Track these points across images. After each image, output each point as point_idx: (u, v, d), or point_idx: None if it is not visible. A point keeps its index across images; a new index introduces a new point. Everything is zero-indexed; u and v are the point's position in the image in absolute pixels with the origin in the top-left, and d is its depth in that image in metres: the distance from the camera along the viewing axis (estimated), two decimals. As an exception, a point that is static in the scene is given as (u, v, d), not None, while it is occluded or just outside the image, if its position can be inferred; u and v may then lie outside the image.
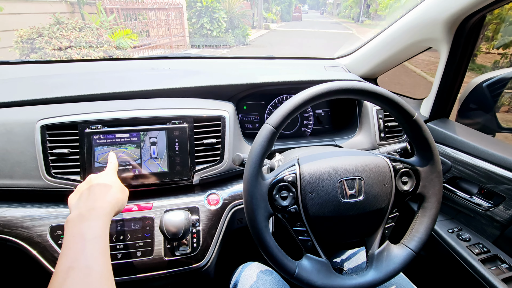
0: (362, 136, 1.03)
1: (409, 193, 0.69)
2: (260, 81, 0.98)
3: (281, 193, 0.64)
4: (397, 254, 0.68)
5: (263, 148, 0.61)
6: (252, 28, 15.39)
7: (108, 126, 0.81)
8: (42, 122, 0.78)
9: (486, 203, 0.86)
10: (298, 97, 0.62)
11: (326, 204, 0.64)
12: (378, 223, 0.68)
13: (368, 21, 24.84)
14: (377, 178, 0.66)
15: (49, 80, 0.98)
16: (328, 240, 0.68)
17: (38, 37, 4.20)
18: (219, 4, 10.42)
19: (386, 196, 0.67)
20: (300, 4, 38.48)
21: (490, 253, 0.85)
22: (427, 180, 0.69)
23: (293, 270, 0.61)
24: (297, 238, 0.66)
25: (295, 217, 0.65)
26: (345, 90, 0.63)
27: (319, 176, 0.64)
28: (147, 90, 0.91)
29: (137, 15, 7.32)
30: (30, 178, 0.77)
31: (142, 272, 0.75)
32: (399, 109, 0.66)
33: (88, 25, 4.71)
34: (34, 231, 0.75)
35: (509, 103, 1.15)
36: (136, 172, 0.82)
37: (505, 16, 3.89)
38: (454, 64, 0.93)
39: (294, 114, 0.62)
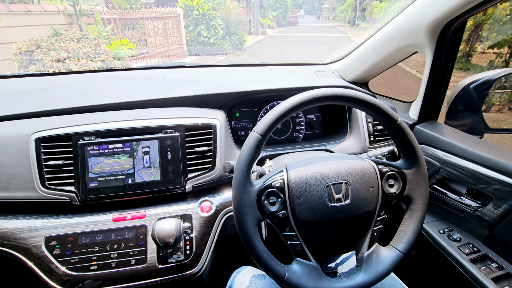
0: (352, 140, 1.05)
1: (396, 196, 0.70)
2: (250, 89, 1.00)
3: (269, 199, 0.65)
4: (386, 256, 0.69)
5: (250, 156, 0.62)
6: (249, 34, 15.54)
7: (101, 137, 0.83)
8: (37, 134, 0.80)
9: (475, 203, 0.88)
10: (283, 105, 0.64)
11: (314, 209, 0.65)
12: (367, 226, 0.70)
13: (364, 24, 25.08)
14: (363, 181, 0.68)
15: (44, 93, 1.00)
16: (317, 244, 0.69)
17: (37, 49, 4.26)
18: (215, 12, 10.53)
19: (373, 199, 0.68)
20: (296, 9, 38.90)
21: (480, 253, 0.86)
22: (413, 182, 0.70)
23: (283, 274, 0.63)
24: (286, 243, 0.67)
25: (284, 222, 0.66)
26: (329, 97, 0.65)
27: (306, 181, 0.66)
28: (140, 100, 0.93)
29: (135, 25, 7.41)
30: (25, 190, 0.79)
31: (136, 280, 0.77)
32: (383, 114, 0.67)
33: (86, 36, 4.77)
34: (29, 242, 0.77)
35: (495, 104, 1.17)
36: (129, 181, 0.83)
37: (498, 16, 3.94)
38: (439, 68, 0.95)
39: (280, 121, 0.64)
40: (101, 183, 0.82)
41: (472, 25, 4.15)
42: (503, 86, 1.10)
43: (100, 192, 0.81)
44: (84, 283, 0.74)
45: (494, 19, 4.00)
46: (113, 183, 0.82)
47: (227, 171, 0.76)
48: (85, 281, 0.74)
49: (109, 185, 0.82)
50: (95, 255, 0.77)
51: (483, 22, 4.20)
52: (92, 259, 0.76)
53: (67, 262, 0.75)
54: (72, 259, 0.76)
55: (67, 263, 0.75)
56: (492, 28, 4.17)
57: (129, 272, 0.77)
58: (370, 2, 25.67)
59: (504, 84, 1.10)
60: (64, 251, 0.76)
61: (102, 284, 0.75)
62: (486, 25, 4.36)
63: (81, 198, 0.80)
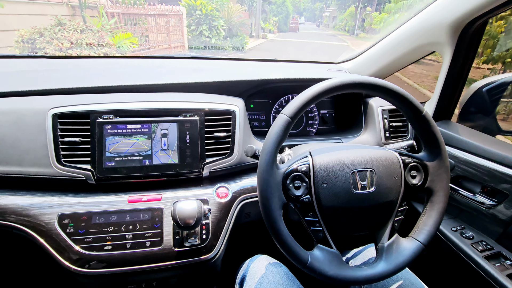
0: (367, 135, 1.05)
1: (418, 187, 0.70)
2: (270, 78, 1.00)
3: (294, 183, 0.65)
4: (406, 246, 0.68)
5: (279, 137, 0.62)
6: (250, 37, 15.63)
7: (120, 117, 0.82)
8: (54, 110, 0.79)
9: (489, 201, 0.88)
10: (313, 89, 0.64)
11: (338, 195, 0.65)
12: (388, 216, 0.69)
13: (363, 34, 25.47)
14: (387, 171, 0.68)
15: (60, 73, 0.99)
16: (338, 232, 0.69)
17: (39, 37, 4.20)
18: (218, 13, 10.57)
19: (396, 189, 0.68)
20: (297, 16, 39.31)
21: (493, 250, 0.87)
22: (435, 174, 0.70)
23: (306, 259, 0.62)
24: (308, 229, 0.66)
25: (307, 207, 0.65)
26: (357, 84, 0.65)
27: (331, 167, 0.66)
28: (159, 84, 0.92)
29: (137, 20, 7.39)
30: (39, 166, 0.77)
31: (151, 262, 0.75)
32: (409, 104, 0.68)
33: (90, 27, 4.74)
34: (41, 219, 0.74)
35: (508, 107, 1.19)
36: (146, 163, 0.82)
37: (494, 32, 4.05)
38: (457, 68, 0.97)
39: (308, 105, 0.64)
40: (117, 163, 0.80)
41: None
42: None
43: (117, 172, 0.80)
44: (98, 263, 0.72)
45: (489, 35, 4.09)
46: (130, 164, 0.81)
47: (249, 155, 0.75)
48: (99, 261, 0.72)
49: (125, 165, 0.80)
50: (109, 235, 0.75)
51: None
52: (106, 239, 0.74)
53: (81, 241, 0.73)
54: (86, 238, 0.74)
55: (81, 242, 0.73)
56: (487, 44, 4.27)
57: (144, 254, 0.75)
58: (369, 13, 26.11)
59: (517, 88, 1.12)
60: (78, 230, 0.74)
61: (117, 265, 0.73)
62: (482, 41, 4.51)
63: (97, 177, 0.78)
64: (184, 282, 0.89)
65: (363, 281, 0.64)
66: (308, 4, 55.90)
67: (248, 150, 0.75)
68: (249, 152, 0.75)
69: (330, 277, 0.62)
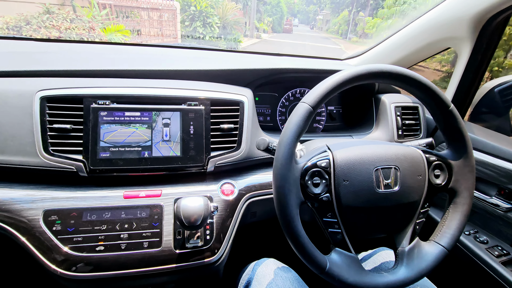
0: (379, 133, 1.00)
1: (441, 187, 0.65)
2: (282, 67, 0.93)
3: (313, 180, 0.59)
4: (428, 251, 0.63)
5: (299, 128, 0.55)
6: (244, 36, 15.55)
7: (117, 103, 0.74)
8: (42, 93, 0.70)
9: (506, 204, 0.85)
10: (336, 77, 0.58)
11: (360, 194, 0.59)
12: (410, 218, 0.64)
13: (356, 38, 25.82)
14: (411, 169, 0.63)
15: (50, 55, 0.89)
16: (357, 234, 0.63)
17: (26, 25, 4.00)
18: (213, 10, 10.48)
19: (419, 189, 0.63)
20: (291, 17, 39.48)
21: (510, 256, 0.83)
22: (459, 174, 0.66)
23: (324, 264, 0.56)
24: (326, 230, 0.60)
25: (326, 207, 0.59)
26: (385, 74, 0.60)
27: (354, 163, 0.60)
28: (162, 69, 0.85)
29: (130, 13, 7.20)
30: (24, 155, 0.68)
31: (148, 266, 0.67)
32: (436, 98, 0.63)
33: (80, 17, 4.55)
34: (24, 215, 0.65)
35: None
36: (145, 155, 0.74)
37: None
38: (475, 65, 0.93)
39: (331, 94, 0.58)
40: (113, 153, 0.72)
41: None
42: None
43: (112, 164, 0.71)
44: (88, 265, 0.64)
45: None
46: (127, 155, 0.73)
47: (261, 148, 0.69)
48: (89, 264, 0.64)
49: (122, 157, 0.72)
50: (102, 235, 0.67)
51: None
52: (98, 238, 0.66)
53: (69, 240, 0.65)
54: (75, 237, 0.65)
55: (69, 242, 0.65)
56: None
57: (141, 256, 0.67)
58: (362, 18, 26.50)
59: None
60: (66, 228, 0.66)
61: (110, 268, 0.65)
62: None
63: (90, 168, 0.70)
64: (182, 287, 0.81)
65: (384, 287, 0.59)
66: (302, 6, 56.24)
67: (261, 143, 0.69)
68: (261, 145, 0.68)
69: (349, 284, 0.57)
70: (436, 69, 6.75)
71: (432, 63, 6.61)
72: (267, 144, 0.68)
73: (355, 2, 29.21)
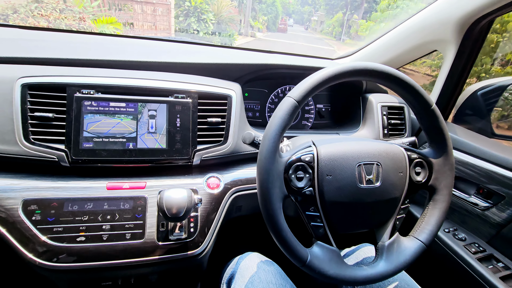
0: (366, 131, 1.02)
1: (422, 184, 0.67)
2: (271, 62, 0.94)
3: (297, 174, 0.59)
4: (407, 246, 0.65)
5: (284, 122, 0.56)
6: (238, 34, 15.49)
7: (102, 93, 0.73)
8: (24, 80, 0.68)
9: (484, 203, 0.87)
10: (322, 73, 0.58)
11: (342, 189, 0.60)
12: (391, 213, 0.66)
13: (349, 40, 26.06)
14: (393, 165, 0.64)
15: (36, 42, 0.87)
16: (339, 228, 0.64)
17: (13, 14, 3.88)
18: (208, 6, 10.41)
19: (400, 185, 0.65)
20: (286, 17, 39.55)
21: (486, 252, 0.86)
22: (439, 172, 0.68)
23: (305, 257, 0.57)
24: (308, 224, 0.61)
25: (309, 201, 0.60)
26: (369, 72, 0.61)
27: (337, 158, 0.61)
28: (150, 61, 0.84)
29: (123, 6, 7.08)
30: (3, 143, 0.66)
31: (131, 257, 0.67)
32: (419, 97, 0.64)
33: (70, 8, 4.44)
34: (2, 204, 0.64)
35: (501, 112, 1.20)
36: (130, 146, 0.73)
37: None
38: (459, 68, 0.95)
39: (317, 89, 0.58)
40: (97, 144, 0.71)
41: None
42: (510, 96, 1.13)
43: (95, 155, 0.70)
44: (69, 256, 0.63)
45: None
46: (111, 146, 0.72)
47: (247, 142, 0.69)
48: (69, 254, 0.63)
49: (106, 148, 0.71)
50: (83, 225, 0.66)
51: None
52: (79, 229, 0.65)
53: (49, 230, 0.64)
54: (55, 228, 0.64)
55: (49, 232, 0.64)
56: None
57: (123, 247, 0.66)
58: (356, 21, 26.77)
59: (510, 94, 1.13)
60: (46, 218, 0.65)
61: (91, 259, 0.64)
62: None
63: (72, 158, 0.69)
64: (165, 279, 0.81)
65: (363, 281, 0.60)
66: (297, 6, 56.42)
67: (246, 137, 0.69)
68: (247, 139, 0.69)
69: (329, 277, 0.58)
70: (426, 74, 6.90)
71: (422, 67, 6.75)
72: (252, 138, 0.68)
73: (350, 5, 29.49)
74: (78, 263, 0.64)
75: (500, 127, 1.21)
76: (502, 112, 1.19)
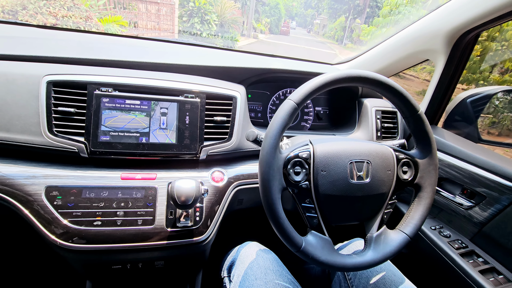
0: (360, 133, 1.09)
1: (408, 182, 0.74)
2: (273, 67, 1.01)
3: (294, 168, 0.66)
4: (393, 238, 0.72)
5: (284, 122, 0.63)
6: (241, 36, 15.60)
7: (119, 91, 0.80)
8: (49, 77, 0.75)
9: (468, 202, 0.94)
10: (320, 78, 0.65)
11: (335, 183, 0.67)
12: (379, 207, 0.72)
13: (351, 44, 26.15)
14: (382, 164, 0.71)
15: (56, 42, 0.94)
16: (332, 220, 0.71)
17: (22, 10, 3.99)
18: (211, 7, 10.50)
19: (388, 182, 0.71)
20: (289, 20, 39.71)
21: (468, 248, 0.93)
22: (424, 171, 0.74)
23: (300, 244, 0.63)
24: (304, 215, 0.68)
25: (305, 193, 0.67)
26: (363, 78, 0.68)
27: (331, 155, 0.68)
28: (162, 63, 0.91)
29: (128, 5, 7.17)
30: (29, 134, 0.73)
31: (141, 241, 0.73)
32: (406, 103, 0.71)
33: (77, 5, 4.57)
34: (27, 189, 0.71)
35: (488, 118, 1.27)
36: (143, 140, 0.80)
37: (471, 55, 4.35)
38: (448, 76, 1.02)
39: (314, 93, 0.65)
40: (113, 137, 0.78)
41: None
42: (496, 104, 1.20)
43: (112, 147, 0.77)
44: (86, 238, 0.70)
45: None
46: (126, 140, 0.79)
47: (250, 139, 0.76)
48: (87, 236, 0.70)
49: (121, 141, 0.78)
50: (99, 211, 0.72)
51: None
52: (96, 214, 0.72)
53: (69, 214, 0.70)
54: (75, 212, 0.71)
55: (69, 216, 0.70)
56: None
57: (135, 232, 0.73)
58: (358, 25, 26.89)
59: (497, 102, 1.20)
60: (66, 203, 0.71)
61: (106, 241, 0.71)
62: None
63: (90, 150, 0.76)
64: (170, 266, 0.88)
65: (351, 268, 0.67)
66: (301, 9, 56.66)
67: (250, 135, 0.76)
68: (250, 137, 0.76)
69: (321, 262, 0.64)
70: (425, 79, 6.99)
71: (422, 73, 6.83)
72: (255, 136, 0.75)
73: (352, 9, 29.67)
74: (94, 244, 0.70)
75: (487, 132, 1.28)
76: (490, 119, 1.26)
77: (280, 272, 0.76)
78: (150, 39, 1.36)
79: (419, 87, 7.20)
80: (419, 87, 7.20)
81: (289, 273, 0.79)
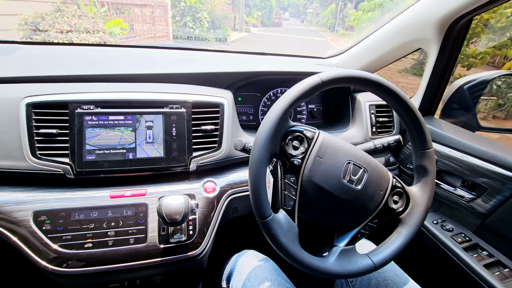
0: (355, 130, 1.06)
1: (394, 213, 0.68)
2: (260, 70, 0.98)
3: (293, 142, 0.64)
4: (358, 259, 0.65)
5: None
6: (233, 31, 15.46)
7: (101, 108, 0.77)
8: (28, 99, 0.73)
9: (469, 195, 0.92)
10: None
11: (326, 175, 0.63)
12: (357, 223, 0.67)
13: (342, 31, 25.82)
14: (377, 180, 0.66)
15: (35, 59, 0.91)
16: (307, 214, 0.66)
17: (42, 21, 4.50)
18: (202, 5, 10.41)
19: (376, 201, 0.66)
20: (281, 11, 39.26)
21: (471, 242, 0.90)
22: (413, 210, 0.69)
23: (268, 214, 0.57)
24: (282, 191, 0.63)
25: (293, 170, 0.63)
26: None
27: (333, 146, 0.65)
28: (144, 74, 0.88)
29: (124, 10, 7.39)
30: (12, 159, 0.71)
31: (135, 260, 0.72)
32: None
33: (85, 14, 5.14)
34: (15, 216, 0.69)
35: (487, 105, 1.24)
36: (130, 156, 0.78)
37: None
38: (442, 65, 0.99)
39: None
40: (99, 156, 0.76)
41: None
42: (494, 89, 1.17)
43: (98, 166, 0.75)
44: (78, 261, 0.68)
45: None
46: (112, 157, 0.76)
47: (238, 149, 0.73)
48: (79, 260, 0.68)
49: (107, 159, 0.76)
50: (90, 233, 0.71)
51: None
52: (86, 236, 0.70)
53: (59, 238, 0.69)
54: (65, 236, 0.69)
55: (59, 240, 0.69)
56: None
57: (128, 251, 0.71)
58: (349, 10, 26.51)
59: (495, 87, 1.16)
60: (55, 227, 0.70)
61: (98, 263, 0.69)
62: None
63: (76, 171, 0.74)
64: (169, 280, 0.86)
65: (306, 266, 0.60)
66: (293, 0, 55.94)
67: (238, 144, 0.73)
68: (238, 146, 0.73)
69: (279, 243, 0.58)
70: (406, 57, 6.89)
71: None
72: (243, 145, 0.72)
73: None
74: (87, 267, 0.69)
75: (488, 118, 1.25)
76: (489, 105, 1.23)
77: (278, 281, 0.74)
78: (137, 46, 1.33)
79: (401, 65, 7.04)
80: (401, 65, 7.04)
81: (288, 281, 0.77)
